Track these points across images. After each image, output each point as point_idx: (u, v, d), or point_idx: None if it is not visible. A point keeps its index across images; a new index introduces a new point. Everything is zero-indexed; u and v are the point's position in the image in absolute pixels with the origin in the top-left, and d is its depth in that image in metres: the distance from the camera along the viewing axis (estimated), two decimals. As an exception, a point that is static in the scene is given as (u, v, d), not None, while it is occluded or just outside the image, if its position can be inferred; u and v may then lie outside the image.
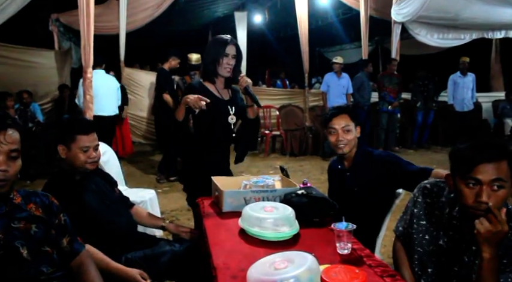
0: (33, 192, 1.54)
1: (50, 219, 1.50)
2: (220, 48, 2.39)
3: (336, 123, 2.18)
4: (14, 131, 1.36)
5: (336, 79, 7.02)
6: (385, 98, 7.42)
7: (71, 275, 1.56)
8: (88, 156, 1.95)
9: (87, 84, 4.01)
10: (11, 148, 1.33)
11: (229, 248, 1.59)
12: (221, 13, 11.26)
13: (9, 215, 1.39)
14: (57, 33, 8.43)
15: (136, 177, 5.82)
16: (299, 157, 7.39)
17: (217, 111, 2.42)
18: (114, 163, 3.60)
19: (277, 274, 1.20)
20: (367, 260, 1.47)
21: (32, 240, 1.41)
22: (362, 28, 7.87)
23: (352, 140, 2.17)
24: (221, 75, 2.44)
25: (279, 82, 13.23)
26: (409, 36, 8.30)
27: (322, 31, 12.96)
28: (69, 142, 1.93)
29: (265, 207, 1.74)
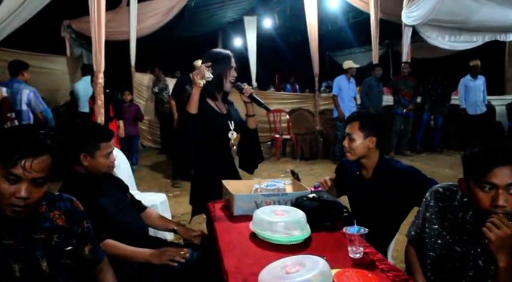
0: (58, 196, 1.50)
1: (72, 228, 1.47)
2: (227, 61, 2.39)
3: (347, 128, 2.18)
4: (47, 157, 1.27)
5: (346, 82, 7.01)
6: (400, 101, 7.39)
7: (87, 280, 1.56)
8: (110, 160, 2.01)
9: (99, 89, 4.05)
10: (36, 176, 1.25)
11: (240, 252, 1.58)
12: (230, 18, 11.32)
13: (32, 225, 1.36)
14: (69, 39, 8.53)
15: (147, 181, 5.84)
16: (310, 161, 7.37)
17: (218, 127, 2.42)
18: (125, 167, 3.63)
19: (288, 278, 1.19)
20: (379, 264, 1.46)
21: (52, 251, 1.39)
22: (372, 31, 7.84)
23: (357, 148, 2.11)
24: (225, 89, 2.44)
25: (289, 86, 13.22)
26: (420, 39, 8.25)
27: (332, 35, 12.95)
28: (94, 150, 1.96)
29: (277, 210, 1.73)
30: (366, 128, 2.11)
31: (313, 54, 8.07)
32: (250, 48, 11.08)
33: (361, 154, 2.12)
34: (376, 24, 7.76)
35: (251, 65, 11.02)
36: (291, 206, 1.87)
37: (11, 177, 1.22)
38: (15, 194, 1.23)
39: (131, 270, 1.91)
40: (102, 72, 4.07)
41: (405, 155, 7.52)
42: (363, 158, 2.14)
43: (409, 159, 7.02)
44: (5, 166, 1.22)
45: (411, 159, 7.11)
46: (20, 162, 1.21)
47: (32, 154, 1.23)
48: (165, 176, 6.15)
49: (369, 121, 2.14)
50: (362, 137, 2.10)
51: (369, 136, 2.10)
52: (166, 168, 6.56)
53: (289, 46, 14.86)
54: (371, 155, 2.13)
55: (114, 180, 2.23)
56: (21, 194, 1.23)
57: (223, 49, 2.50)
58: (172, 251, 1.91)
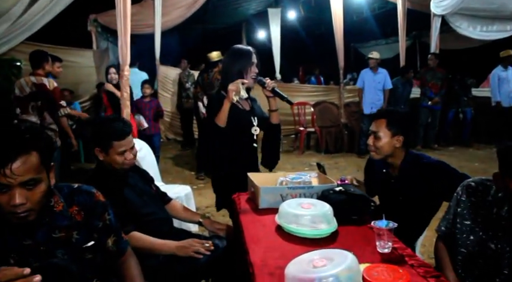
0: (77, 190, 1.46)
1: (91, 224, 1.44)
2: (247, 58, 2.38)
3: (372, 125, 2.11)
4: (26, 157, 1.18)
5: (371, 75, 6.85)
6: (426, 93, 7.21)
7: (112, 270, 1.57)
8: (125, 158, 1.98)
9: (124, 82, 4.09)
10: (22, 180, 1.18)
11: (266, 245, 1.57)
12: (254, 10, 11.24)
13: (50, 224, 1.34)
14: (95, 33, 8.65)
15: (171, 174, 5.91)
16: (334, 154, 7.29)
17: (242, 123, 2.41)
18: (150, 159, 3.67)
19: (315, 272, 1.17)
20: (409, 259, 1.42)
21: (73, 249, 1.37)
22: (399, 22, 7.66)
23: (382, 147, 2.04)
24: (246, 85, 2.42)
25: (313, 79, 13.10)
26: (449, 29, 8.00)
27: (357, 26, 12.72)
28: (106, 147, 1.95)
29: (303, 203, 1.71)
30: (394, 126, 2.04)
31: (338, 46, 7.95)
32: (274, 40, 11.00)
33: (387, 153, 2.06)
34: (403, 15, 7.58)
35: (275, 57, 10.94)
36: (317, 199, 1.84)
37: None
38: (10, 202, 1.17)
39: (156, 261, 1.92)
40: (127, 65, 4.11)
41: (433, 148, 7.35)
42: (389, 157, 2.08)
43: (436, 153, 6.86)
44: None
45: (439, 153, 6.94)
46: (2, 170, 1.14)
47: (7, 159, 1.15)
48: (189, 169, 6.20)
49: (397, 119, 2.06)
50: (389, 136, 2.03)
51: (396, 135, 2.03)
52: (190, 160, 6.61)
53: (314, 38, 14.69)
54: (397, 153, 2.07)
55: (139, 172, 2.24)
56: (15, 202, 1.17)
57: (245, 45, 2.49)
58: (198, 244, 1.91)
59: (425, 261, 1.51)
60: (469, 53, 9.36)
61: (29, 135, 1.21)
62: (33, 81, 3.99)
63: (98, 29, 8.69)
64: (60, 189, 1.42)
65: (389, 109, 2.24)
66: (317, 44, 14.30)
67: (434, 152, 7.00)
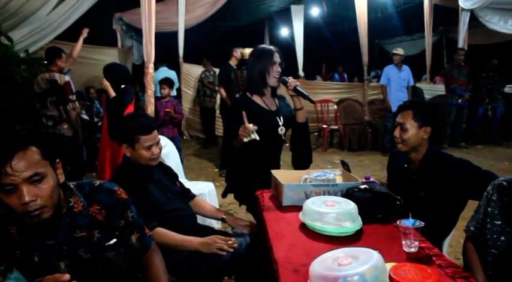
0: (99, 188, 1.45)
1: (112, 223, 1.44)
2: (268, 58, 2.37)
3: (398, 117, 2.09)
4: (24, 153, 1.18)
5: (396, 71, 6.73)
6: (456, 91, 7.02)
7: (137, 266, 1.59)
8: (152, 153, 2.02)
9: (149, 79, 4.14)
10: (26, 176, 1.17)
11: (290, 242, 1.56)
12: (277, 7, 11.19)
13: (71, 224, 1.34)
14: (120, 31, 8.79)
15: (195, 170, 5.95)
16: (358, 152, 7.21)
17: (266, 124, 2.40)
18: (174, 156, 3.70)
19: (340, 270, 1.15)
20: (436, 259, 1.38)
21: (95, 247, 1.38)
22: (425, 18, 7.51)
23: (409, 139, 2.03)
24: (270, 85, 2.43)
25: (337, 76, 12.97)
26: (477, 24, 7.78)
27: (382, 23, 12.51)
28: (133, 142, 1.99)
29: (327, 201, 1.69)
30: (421, 117, 2.02)
31: (362, 42, 7.84)
32: (297, 37, 10.94)
33: (413, 145, 2.04)
34: (430, 10, 7.42)
35: (298, 54, 10.89)
36: (341, 197, 1.82)
37: (5, 188, 1.16)
38: (20, 202, 1.17)
39: (180, 257, 1.94)
40: (152, 63, 4.16)
41: (460, 147, 7.18)
42: (414, 150, 2.06)
43: (463, 151, 6.71)
44: None
45: (466, 151, 6.79)
46: (1, 170, 1.14)
47: (5, 158, 1.15)
48: (213, 166, 6.24)
49: (423, 110, 2.05)
50: (416, 127, 2.02)
51: (424, 126, 2.01)
52: (214, 158, 6.64)
53: (337, 35, 14.55)
54: (421, 146, 2.05)
55: (163, 169, 2.26)
56: (24, 199, 1.17)
57: (268, 44, 2.48)
58: (221, 241, 1.92)
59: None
60: (499, 48, 9.07)
61: (25, 132, 1.21)
62: (47, 78, 4.18)
63: (122, 28, 8.83)
64: (82, 188, 1.43)
65: (415, 100, 2.21)
66: (340, 41, 14.17)
67: (461, 150, 6.85)
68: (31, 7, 4.96)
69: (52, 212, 1.25)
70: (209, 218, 2.49)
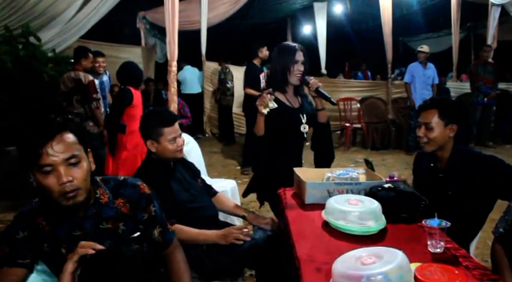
0: (123, 183, 1.50)
1: (137, 216, 1.47)
2: (290, 56, 2.36)
3: (421, 117, 2.03)
4: (63, 136, 1.26)
5: (421, 69, 6.58)
6: (480, 89, 6.82)
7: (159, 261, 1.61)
8: (177, 145, 2.05)
9: (172, 77, 4.17)
10: (65, 157, 1.24)
11: (312, 240, 1.55)
12: (300, 5, 11.12)
13: (97, 216, 1.39)
14: (143, 30, 8.91)
15: (217, 168, 5.98)
16: (381, 151, 7.11)
17: (289, 121, 2.39)
18: (196, 153, 3.72)
19: (364, 269, 1.14)
20: (463, 260, 1.35)
21: (120, 240, 1.41)
22: (453, 14, 7.33)
23: (436, 138, 1.98)
24: (291, 83, 2.42)
25: (360, 74, 12.81)
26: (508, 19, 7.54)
27: (406, 19, 12.28)
28: (157, 136, 2.02)
29: (350, 200, 1.67)
30: (447, 115, 1.96)
31: (386, 39, 7.71)
32: (320, 35, 10.84)
33: (440, 144, 1.99)
34: (458, 6, 7.23)
35: (320, 52, 10.78)
36: (365, 196, 1.80)
37: (44, 169, 1.22)
38: (58, 182, 1.23)
39: (200, 250, 1.96)
40: (175, 61, 4.19)
41: (487, 146, 6.98)
42: (440, 149, 2.01)
43: (491, 150, 6.52)
44: (33, 163, 1.22)
45: (494, 151, 6.59)
46: (42, 150, 1.21)
47: (46, 139, 1.22)
48: (235, 163, 6.26)
49: (448, 107, 1.99)
50: (442, 126, 1.97)
51: (450, 124, 1.96)
52: (236, 155, 6.66)
53: (360, 32, 14.36)
54: (448, 144, 2.00)
55: (186, 165, 2.28)
56: (63, 179, 1.22)
57: (291, 41, 2.45)
58: (237, 231, 1.94)
59: (481, 263, 1.44)
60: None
61: (60, 119, 1.29)
62: (73, 77, 4.28)
63: (146, 26, 8.94)
64: (107, 182, 1.47)
65: (438, 98, 2.14)
66: (364, 39, 13.97)
67: (488, 150, 6.66)
68: (58, 8, 5.09)
69: (85, 196, 1.30)
70: (230, 215, 2.50)
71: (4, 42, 4.68)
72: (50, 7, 5.00)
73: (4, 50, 4.52)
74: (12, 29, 4.80)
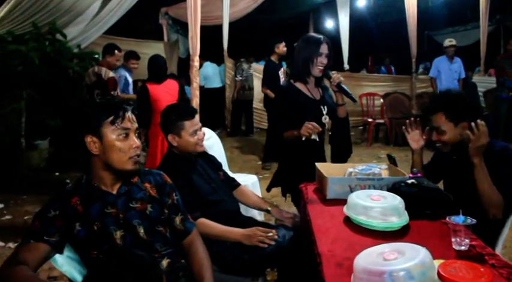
0: (148, 171, 1.62)
1: (163, 200, 1.57)
2: (314, 47, 2.34)
3: (432, 121, 1.99)
4: (132, 113, 1.46)
5: (447, 63, 6.44)
6: (505, 84, 6.61)
7: (180, 251, 1.63)
8: (198, 138, 2.07)
9: (194, 72, 4.20)
10: (136, 126, 1.46)
11: (333, 236, 1.54)
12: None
13: (128, 194, 1.49)
14: (166, 25, 8.98)
15: (238, 163, 6.00)
16: (404, 147, 6.96)
17: (311, 112, 2.38)
18: (218, 148, 3.74)
19: (386, 265, 1.12)
20: (489, 258, 1.32)
21: (147, 220, 1.49)
22: (481, 6, 7.11)
23: (450, 140, 1.94)
24: (313, 74, 2.40)
25: (384, 68, 12.60)
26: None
27: (432, 12, 11.99)
28: (179, 130, 2.04)
29: (372, 195, 1.65)
30: (454, 116, 1.91)
31: (411, 33, 7.54)
32: (343, 29, 10.69)
33: (455, 143, 1.95)
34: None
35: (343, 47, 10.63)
36: (387, 191, 1.77)
37: (123, 132, 1.40)
38: (132, 146, 1.42)
39: (223, 247, 1.96)
40: (197, 56, 4.22)
41: (515, 142, 6.77)
42: (458, 145, 1.95)
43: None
44: (115, 125, 1.39)
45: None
46: (125, 116, 1.41)
47: (127, 108, 1.43)
48: (256, 158, 6.27)
49: (453, 106, 1.93)
50: (452, 127, 1.92)
51: (460, 122, 1.91)
52: (257, 150, 6.67)
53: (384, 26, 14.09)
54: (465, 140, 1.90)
55: (207, 158, 2.29)
56: (137, 143, 1.43)
57: (318, 34, 2.44)
58: (262, 233, 1.93)
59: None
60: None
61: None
62: (96, 71, 4.40)
63: (168, 22, 9.01)
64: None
65: (441, 98, 2.03)
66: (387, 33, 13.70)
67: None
68: (83, 4, 5.18)
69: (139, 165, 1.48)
70: (253, 209, 2.50)
71: (32, 39, 4.79)
72: (75, 3, 5.09)
73: (32, 47, 4.63)
74: (39, 26, 4.91)
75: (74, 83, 5.09)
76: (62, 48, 4.96)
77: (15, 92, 4.81)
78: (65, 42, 5.08)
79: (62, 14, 5.09)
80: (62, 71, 5.00)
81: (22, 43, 4.66)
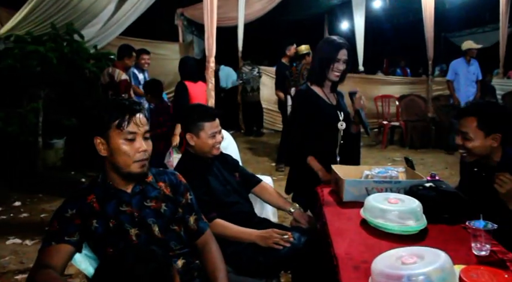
0: (162, 171, 1.63)
1: (177, 199, 1.57)
2: (333, 52, 2.31)
3: (459, 123, 1.85)
4: (143, 115, 1.44)
5: (465, 66, 6.34)
6: None
7: (195, 252, 1.63)
8: (215, 141, 2.06)
9: (210, 73, 4.21)
10: (144, 130, 1.43)
11: (350, 238, 1.52)
12: (338, 0, 10.96)
13: (143, 193, 1.49)
14: (181, 26, 9.03)
15: (251, 164, 5.99)
16: (420, 150, 6.90)
17: (327, 117, 2.36)
18: (233, 149, 3.71)
19: (405, 269, 1.11)
20: (511, 265, 1.29)
21: (162, 219, 1.49)
22: (501, 7, 6.98)
23: (475, 149, 1.79)
24: (329, 79, 2.38)
25: (399, 71, 12.48)
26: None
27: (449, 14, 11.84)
28: (198, 130, 2.03)
29: (390, 198, 1.63)
30: (487, 125, 1.76)
31: (428, 35, 7.43)
32: (358, 31, 10.61)
33: (481, 155, 1.82)
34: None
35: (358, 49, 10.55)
36: (404, 195, 1.75)
37: (129, 136, 1.39)
38: (138, 149, 1.40)
39: (239, 248, 1.95)
40: (213, 57, 4.23)
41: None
42: (484, 159, 1.84)
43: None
44: (121, 128, 1.38)
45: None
46: (132, 119, 1.39)
47: (135, 111, 1.40)
48: (269, 160, 6.25)
49: (490, 115, 1.78)
50: (482, 136, 1.77)
51: (492, 134, 1.76)
52: (271, 152, 6.65)
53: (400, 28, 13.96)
54: (494, 154, 1.82)
55: (223, 159, 2.26)
56: (144, 147, 1.41)
57: (340, 38, 2.39)
58: (277, 235, 1.91)
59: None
60: None
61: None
62: (110, 72, 4.44)
63: (184, 23, 9.05)
64: (148, 169, 1.56)
65: (479, 104, 1.92)
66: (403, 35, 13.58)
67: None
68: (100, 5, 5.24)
69: (147, 169, 1.47)
70: (275, 207, 2.46)
71: (50, 40, 4.87)
72: (92, 5, 5.16)
73: (50, 47, 4.70)
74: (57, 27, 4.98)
75: (90, 83, 5.15)
76: (79, 49, 5.03)
77: (33, 91, 4.89)
78: (82, 43, 5.15)
79: (79, 15, 5.18)
80: (78, 71, 5.07)
81: (41, 44, 4.74)
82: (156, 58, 7.62)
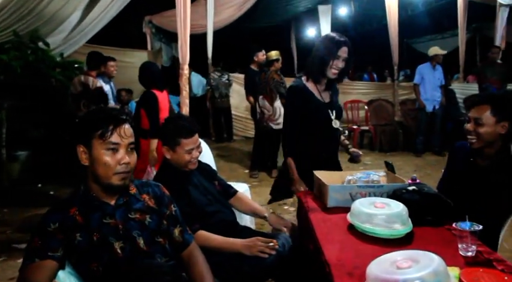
0: (146, 183, 1.60)
1: (161, 211, 1.54)
2: (333, 49, 2.28)
3: (471, 111, 1.95)
4: (129, 125, 1.41)
5: (431, 71, 6.54)
6: (487, 90, 6.76)
7: (181, 265, 1.59)
8: (191, 156, 2.01)
9: (184, 80, 4.16)
10: (128, 142, 1.39)
11: (339, 244, 1.53)
12: (304, 8, 11.09)
13: (127, 205, 1.46)
14: (150, 34, 8.89)
15: (225, 172, 5.94)
16: (389, 153, 7.06)
17: (320, 116, 2.36)
18: (208, 157, 3.68)
19: (400, 274, 1.11)
20: (497, 264, 1.31)
21: (146, 231, 1.46)
22: (459, 15, 7.27)
23: (485, 134, 1.88)
24: (327, 76, 2.36)
25: (366, 76, 12.76)
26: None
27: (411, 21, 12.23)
28: (175, 145, 1.99)
29: (376, 203, 1.65)
30: (500, 112, 1.88)
31: (393, 41, 7.65)
32: (324, 38, 10.82)
33: (488, 141, 1.91)
34: (464, 7, 7.17)
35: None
36: (389, 199, 1.77)
37: (111, 146, 1.36)
38: (120, 161, 1.37)
39: (223, 257, 1.92)
40: (187, 64, 4.18)
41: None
42: (487, 146, 1.93)
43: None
44: (104, 139, 1.35)
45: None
46: (116, 130, 1.36)
47: (120, 122, 1.38)
48: (242, 167, 6.22)
49: (502, 104, 1.90)
50: (493, 122, 1.88)
51: (502, 121, 1.87)
52: (243, 158, 6.63)
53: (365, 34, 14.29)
54: (495, 143, 1.92)
55: (202, 169, 2.23)
56: (125, 159, 1.37)
57: (341, 35, 2.35)
58: (262, 243, 1.89)
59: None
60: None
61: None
62: (82, 80, 4.28)
63: (152, 30, 8.93)
64: (131, 181, 1.53)
65: (493, 94, 2.09)
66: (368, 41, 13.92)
67: None
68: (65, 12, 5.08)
69: (128, 181, 1.44)
70: (249, 215, 2.45)
71: (14, 48, 4.68)
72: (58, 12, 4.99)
73: (14, 56, 4.51)
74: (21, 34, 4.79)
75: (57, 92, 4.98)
76: (44, 57, 4.86)
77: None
78: (48, 50, 4.97)
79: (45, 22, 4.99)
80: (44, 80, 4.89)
81: (3, 52, 4.54)
82: (124, 66, 7.46)
